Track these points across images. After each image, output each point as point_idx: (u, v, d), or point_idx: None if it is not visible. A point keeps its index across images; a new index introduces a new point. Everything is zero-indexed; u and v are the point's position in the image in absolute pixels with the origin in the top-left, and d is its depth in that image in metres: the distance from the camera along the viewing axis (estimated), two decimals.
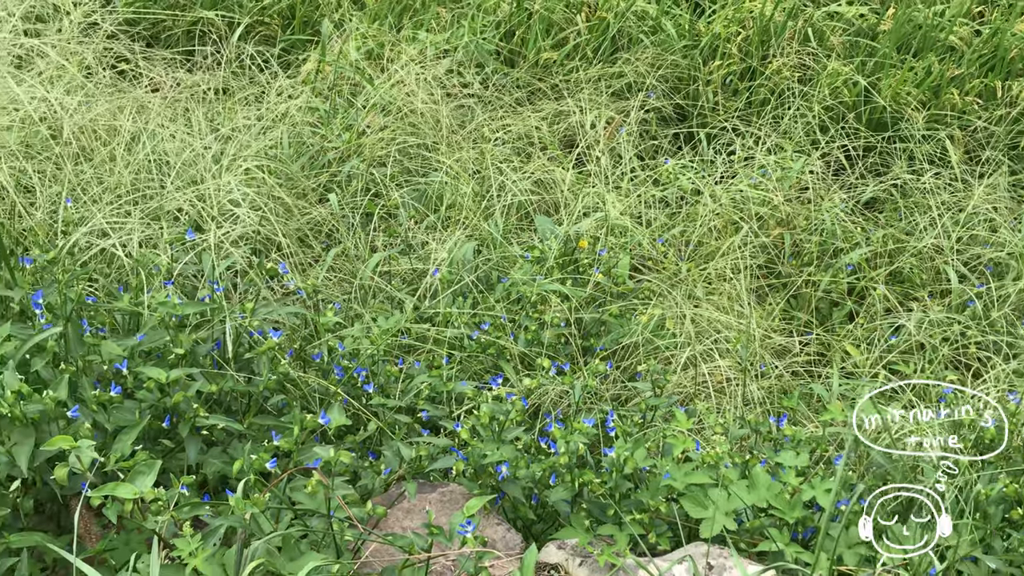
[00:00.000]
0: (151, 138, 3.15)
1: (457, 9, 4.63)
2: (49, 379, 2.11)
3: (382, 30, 4.41)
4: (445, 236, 3.44)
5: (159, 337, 2.24)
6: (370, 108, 3.97)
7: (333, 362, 2.62)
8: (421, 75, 4.05)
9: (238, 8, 4.51)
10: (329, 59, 4.12)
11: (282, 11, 4.59)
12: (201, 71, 4.12)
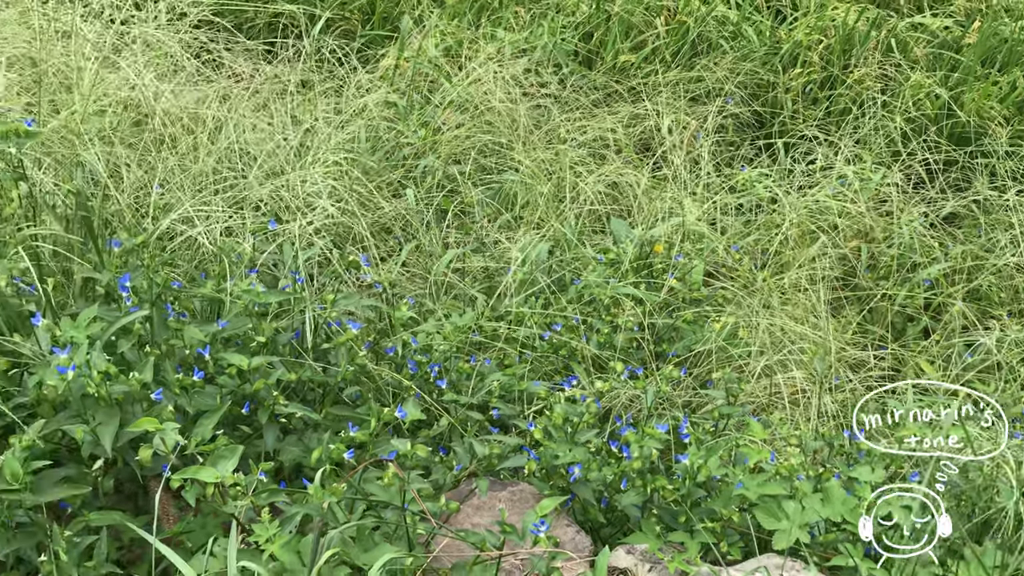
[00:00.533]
0: (234, 128, 3.18)
1: (536, 8, 4.63)
2: (134, 361, 2.14)
3: (460, 27, 4.42)
4: (518, 235, 3.44)
5: (241, 324, 2.27)
6: (447, 105, 3.99)
7: (407, 356, 2.63)
8: (499, 74, 4.05)
9: (319, 2, 4.55)
10: (408, 55, 4.14)
11: (362, 6, 4.62)
12: (282, 63, 4.16)
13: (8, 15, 2.86)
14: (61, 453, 2.18)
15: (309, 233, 2.58)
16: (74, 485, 2.03)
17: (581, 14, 4.58)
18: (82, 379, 1.93)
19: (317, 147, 3.34)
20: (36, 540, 2.00)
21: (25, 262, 2.09)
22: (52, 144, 2.52)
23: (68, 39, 3.00)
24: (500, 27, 4.48)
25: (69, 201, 2.25)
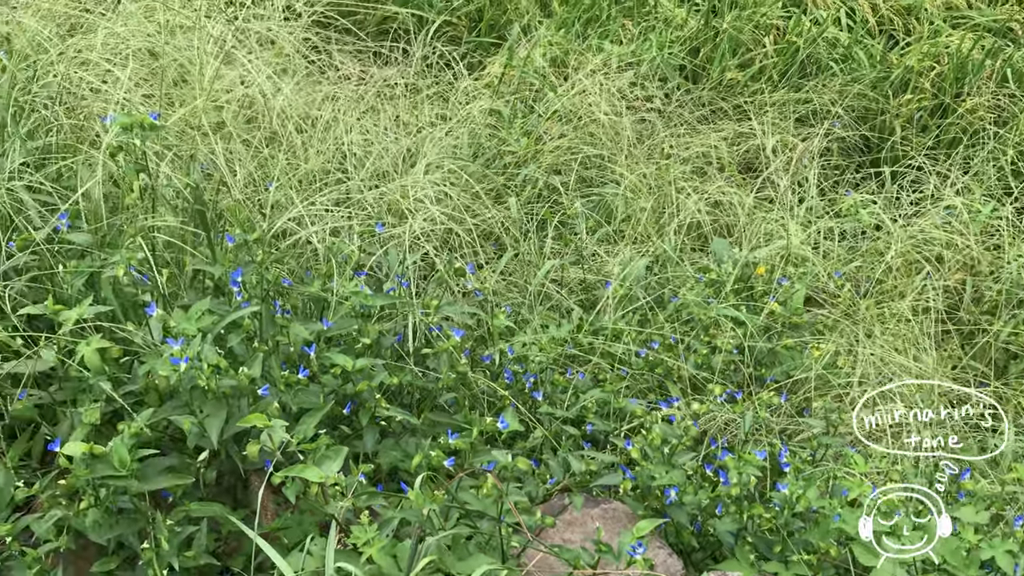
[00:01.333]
0: (344, 130, 3.21)
1: (643, 22, 4.61)
2: (242, 356, 2.17)
3: (567, 38, 4.41)
4: (618, 249, 3.42)
5: (346, 325, 2.29)
6: (550, 115, 3.98)
7: (503, 365, 2.63)
8: (604, 85, 4.04)
9: (428, 7, 4.58)
10: (514, 63, 4.15)
11: (470, 13, 4.64)
12: (389, 66, 4.19)
13: (132, 8, 2.93)
14: (164, 442, 2.22)
15: (414, 238, 2.59)
16: (178, 475, 2.06)
17: (689, 29, 4.54)
18: (193, 372, 1.95)
19: (423, 152, 3.35)
20: (138, 527, 2.03)
21: (144, 252, 2.13)
22: (169, 137, 2.57)
23: (186, 33, 3.06)
24: (607, 39, 4.47)
25: (186, 194, 2.29)
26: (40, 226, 2.40)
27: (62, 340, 2.14)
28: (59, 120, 2.60)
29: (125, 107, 2.55)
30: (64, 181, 2.57)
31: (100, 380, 2.09)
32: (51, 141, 2.59)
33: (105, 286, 2.24)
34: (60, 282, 2.35)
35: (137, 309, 2.34)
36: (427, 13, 4.50)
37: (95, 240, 2.33)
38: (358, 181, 3.00)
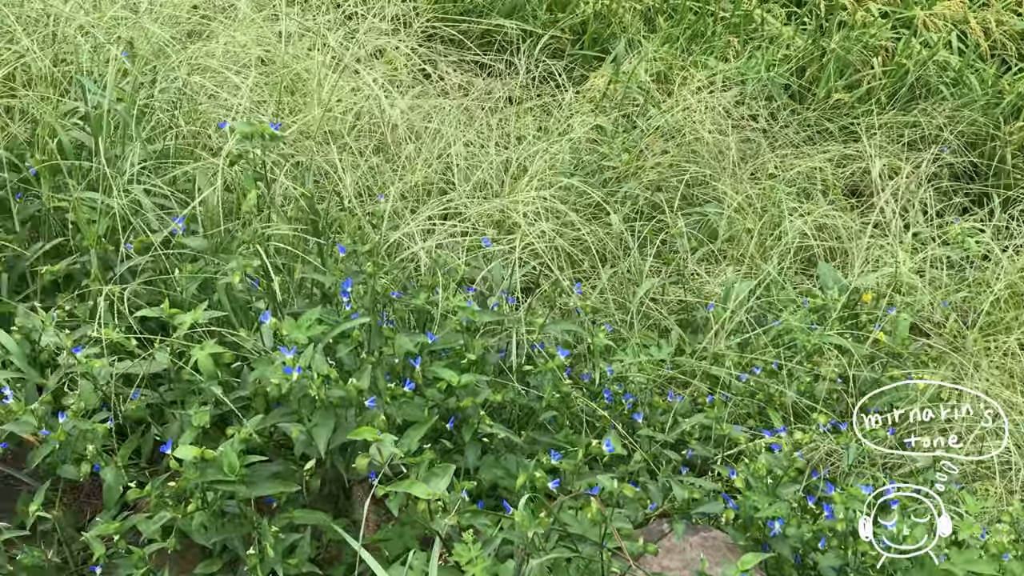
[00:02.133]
0: (448, 141, 3.23)
1: (749, 39, 4.56)
2: (349, 366, 2.19)
3: (671, 53, 4.38)
4: (719, 270, 3.38)
5: (452, 340, 2.29)
6: (653, 131, 3.95)
7: (603, 385, 2.61)
8: (708, 103, 4.00)
9: (532, 19, 4.58)
10: (619, 78, 4.13)
11: (573, 26, 4.64)
12: (492, 77, 4.20)
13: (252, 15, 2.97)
14: (269, 448, 2.24)
15: (521, 253, 2.59)
16: (283, 482, 2.08)
17: (796, 48, 4.48)
18: (305, 381, 1.97)
19: (526, 166, 3.35)
20: (244, 531, 2.06)
21: (261, 259, 2.16)
22: (284, 145, 2.60)
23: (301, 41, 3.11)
24: (712, 55, 4.42)
25: (300, 203, 2.31)
26: (157, 229, 2.45)
27: (176, 343, 2.17)
28: (178, 125, 2.65)
29: (245, 116, 2.59)
30: (179, 185, 2.62)
31: (212, 384, 2.13)
32: (168, 145, 2.64)
33: (220, 291, 2.27)
34: (174, 285, 2.40)
35: (248, 314, 2.37)
36: (531, 26, 4.51)
37: (210, 245, 2.37)
38: (462, 194, 3.00)
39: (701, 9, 4.73)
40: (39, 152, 2.61)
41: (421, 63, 3.97)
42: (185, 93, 2.69)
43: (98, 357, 2.16)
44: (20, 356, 2.25)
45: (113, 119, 2.52)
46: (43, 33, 2.85)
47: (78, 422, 2.10)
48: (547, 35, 4.34)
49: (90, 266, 2.47)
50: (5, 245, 2.54)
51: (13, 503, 2.36)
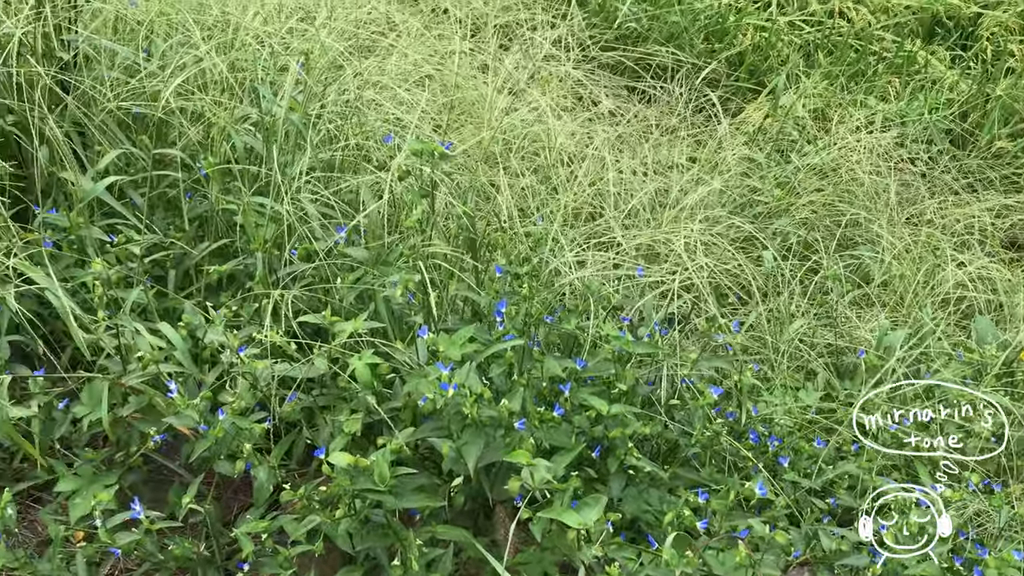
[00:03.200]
0: (602, 167, 3.23)
1: (911, 81, 4.45)
2: (500, 387, 2.20)
3: (830, 90, 4.31)
4: (871, 315, 3.30)
5: (603, 368, 2.28)
6: (808, 168, 3.88)
7: (748, 426, 2.56)
8: (866, 143, 3.91)
9: (688, 48, 4.56)
10: (774, 112, 4.07)
11: (730, 57, 4.60)
12: (644, 103, 4.19)
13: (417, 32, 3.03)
14: (414, 461, 2.26)
15: (674, 285, 2.57)
16: (429, 495, 2.10)
17: (959, 92, 4.35)
18: (459, 398, 1.99)
19: (676, 195, 3.33)
20: (388, 542, 2.08)
21: (422, 275, 2.19)
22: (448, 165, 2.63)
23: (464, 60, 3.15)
24: (872, 95, 4.33)
25: (460, 221, 2.34)
26: (320, 237, 2.51)
27: (334, 350, 2.22)
28: (345, 137, 2.71)
29: (414, 132, 2.64)
30: (343, 195, 2.68)
31: (366, 394, 2.16)
32: (335, 156, 2.71)
33: (379, 303, 2.31)
34: (332, 293, 2.45)
35: (402, 325, 2.41)
36: (687, 54, 4.48)
37: (370, 256, 2.42)
38: (614, 220, 3.00)
39: (863, 47, 4.63)
40: (211, 155, 2.70)
41: (575, 87, 3.99)
42: (356, 106, 2.75)
43: (260, 358, 2.22)
44: (184, 352, 2.32)
45: (285, 127, 2.60)
46: (220, 40, 2.95)
47: (237, 420, 2.15)
48: (706, 67, 4.30)
49: (253, 268, 2.54)
50: (174, 242, 2.64)
51: (164, 493, 2.44)
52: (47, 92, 2.62)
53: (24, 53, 2.66)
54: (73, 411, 2.33)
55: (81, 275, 2.36)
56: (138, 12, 3.01)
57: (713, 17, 4.63)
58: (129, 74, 2.86)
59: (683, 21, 4.59)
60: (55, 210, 2.65)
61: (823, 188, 3.81)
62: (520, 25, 3.64)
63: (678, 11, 4.56)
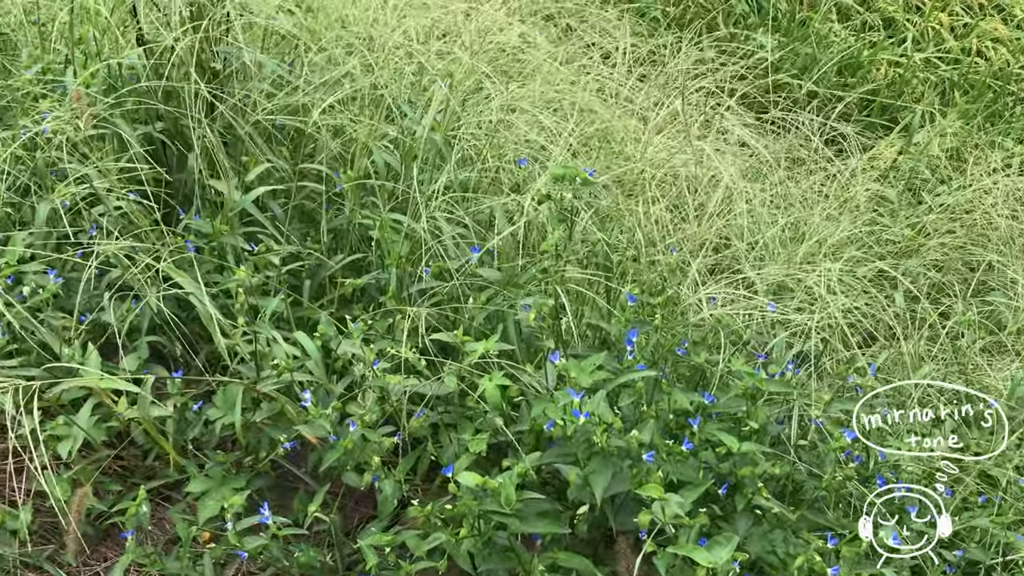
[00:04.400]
0: (733, 198, 3.20)
1: None
2: (627, 417, 2.19)
3: (966, 130, 4.20)
4: (1003, 363, 3.20)
5: (733, 405, 2.26)
6: (941, 209, 3.80)
7: (876, 470, 2.51)
8: (1002, 186, 3.80)
9: (820, 82, 4.49)
10: (910, 150, 3.99)
11: (864, 92, 4.52)
12: (771, 135, 4.15)
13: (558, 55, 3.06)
14: (536, 485, 2.27)
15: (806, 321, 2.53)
16: (554, 521, 2.10)
17: None
18: (589, 426, 1.99)
19: (806, 231, 3.28)
20: (509, 565, 2.09)
21: (556, 299, 2.20)
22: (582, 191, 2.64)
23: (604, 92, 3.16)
24: (1009, 137, 4.21)
25: (595, 248, 2.34)
26: (454, 256, 2.53)
27: (463, 369, 2.24)
28: (483, 158, 2.74)
29: (554, 157, 2.66)
30: (476, 215, 2.70)
31: (494, 415, 2.17)
32: (471, 176, 2.74)
33: (510, 325, 2.33)
34: (463, 312, 2.47)
35: (530, 348, 2.42)
36: (819, 87, 4.43)
37: (502, 277, 2.43)
38: (744, 253, 2.97)
39: (1000, 88, 4.52)
40: (351, 169, 2.75)
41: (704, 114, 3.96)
42: (495, 128, 2.78)
43: (391, 372, 2.25)
44: (318, 362, 2.37)
45: (426, 146, 2.63)
46: (363, 58, 3.01)
47: (367, 432, 2.19)
48: (837, 101, 4.24)
49: (386, 283, 2.58)
50: (311, 253, 2.69)
51: (288, 499, 2.48)
52: (199, 101, 2.70)
53: (179, 64, 2.76)
54: (207, 413, 2.39)
55: (225, 282, 2.42)
56: (284, 26, 3.09)
57: (847, 51, 4.56)
58: (275, 86, 2.93)
59: (816, 53, 4.53)
60: (198, 216, 2.73)
61: (955, 230, 3.72)
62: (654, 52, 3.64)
63: (812, 42, 4.50)
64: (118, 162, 2.65)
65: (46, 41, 3.19)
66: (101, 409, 2.34)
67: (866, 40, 4.69)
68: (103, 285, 2.50)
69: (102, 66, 2.78)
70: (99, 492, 2.42)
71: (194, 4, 2.85)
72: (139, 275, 2.45)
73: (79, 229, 2.58)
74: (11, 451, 2.52)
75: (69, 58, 3.05)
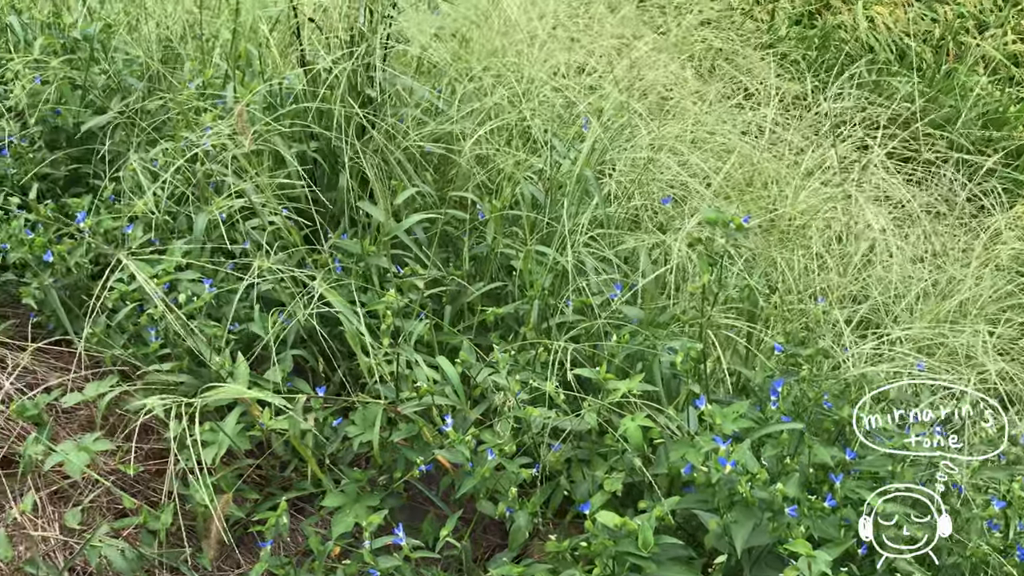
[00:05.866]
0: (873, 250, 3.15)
1: None
2: (769, 468, 2.16)
3: None
4: None
5: (878, 464, 2.21)
6: None
7: (1017, 541, 2.42)
8: None
9: (964, 133, 4.40)
10: None
11: (1009, 149, 4.41)
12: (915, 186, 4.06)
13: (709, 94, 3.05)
14: (671, 529, 2.25)
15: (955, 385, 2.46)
16: (688, 568, 2.08)
17: None
18: (734, 476, 1.97)
19: (949, 288, 3.21)
20: None
21: (704, 344, 2.19)
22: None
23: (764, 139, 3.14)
24: None
25: (742, 293, 2.32)
26: (597, 292, 2.54)
27: (604, 406, 2.24)
28: (629, 196, 2.74)
29: (702, 199, 2.65)
30: (619, 251, 2.71)
31: (634, 455, 2.17)
32: (616, 212, 2.74)
33: (653, 365, 2.32)
34: (602, 348, 2.47)
35: (670, 389, 2.41)
36: (963, 140, 4.33)
37: (645, 317, 2.43)
38: (885, 307, 2.91)
39: None
40: (496, 199, 2.78)
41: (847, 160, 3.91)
42: (645, 167, 2.78)
43: (532, 404, 2.26)
44: (458, 387, 2.39)
45: (573, 180, 2.65)
46: (513, 91, 3.04)
47: (506, 462, 2.20)
48: (983, 155, 4.14)
49: (525, 313, 2.60)
50: (453, 278, 2.73)
51: (418, 520, 2.51)
52: (353, 125, 2.77)
53: (335, 87, 2.82)
54: (345, 430, 2.43)
55: (373, 303, 2.47)
56: (436, 55, 3.14)
57: (993, 105, 4.46)
58: (425, 113, 2.99)
59: (959, 105, 4.44)
60: (345, 235, 2.79)
61: None
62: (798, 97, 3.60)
63: (956, 94, 4.41)
64: (274, 178, 2.72)
65: (207, 55, 3.30)
66: (244, 418, 2.40)
67: (1013, 95, 4.58)
68: (253, 296, 2.57)
69: (264, 85, 2.86)
70: (236, 499, 2.47)
71: (353, 29, 2.92)
72: (291, 290, 2.50)
73: (232, 241, 2.65)
74: (153, 453, 2.60)
75: (228, 74, 3.15)
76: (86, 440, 2.33)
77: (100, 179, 3.05)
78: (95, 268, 2.77)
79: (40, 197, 2.89)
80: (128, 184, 2.81)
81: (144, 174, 2.75)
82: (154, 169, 2.84)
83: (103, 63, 3.20)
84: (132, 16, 3.45)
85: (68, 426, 2.64)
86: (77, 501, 2.43)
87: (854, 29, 4.88)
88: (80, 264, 2.68)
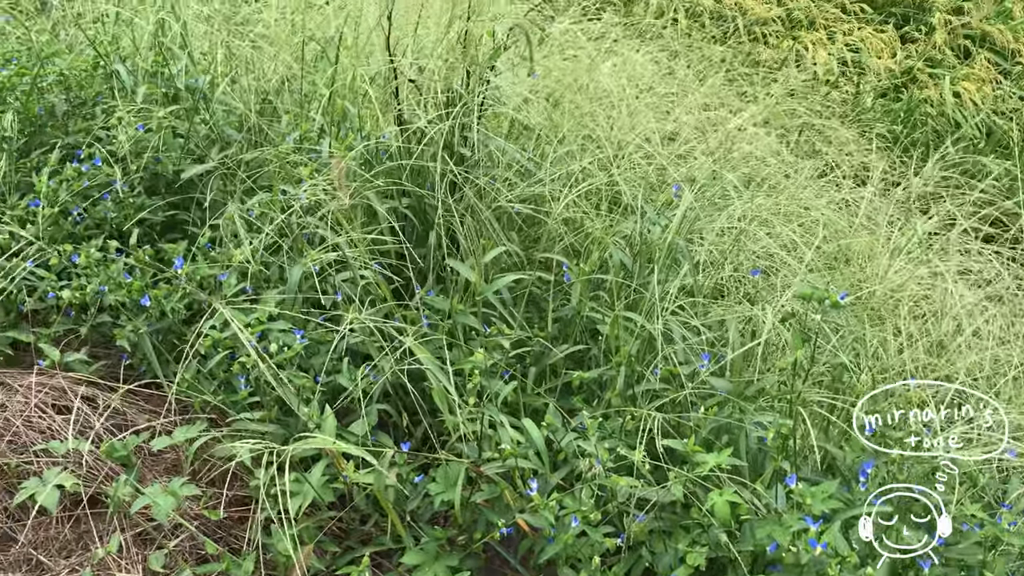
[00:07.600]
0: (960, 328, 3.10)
1: None
2: (858, 551, 2.13)
3: None
4: None
5: (970, 552, 2.17)
6: None
7: None
8: None
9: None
10: None
11: None
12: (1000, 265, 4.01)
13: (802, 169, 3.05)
14: None
15: None
16: None
17: None
18: (825, 558, 1.94)
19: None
20: None
21: (796, 421, 2.17)
22: None
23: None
24: None
25: (835, 371, 2.30)
26: (683, 361, 2.53)
27: (690, 477, 2.22)
28: (719, 266, 2.74)
29: (794, 273, 2.64)
30: (708, 320, 2.70)
31: (720, 530, 2.15)
32: (704, 281, 2.74)
33: (741, 439, 2.31)
34: (688, 418, 2.46)
35: (755, 463, 2.39)
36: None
37: (734, 389, 2.42)
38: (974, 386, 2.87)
39: None
40: (584, 262, 2.79)
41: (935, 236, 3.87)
42: (736, 238, 2.79)
43: (617, 472, 2.25)
44: (542, 450, 2.39)
45: (665, 247, 2.66)
46: (601, 156, 3.07)
47: (589, 530, 2.19)
48: None
49: (610, 378, 2.60)
50: (538, 339, 2.74)
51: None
52: (446, 183, 2.81)
53: (431, 144, 2.87)
54: (427, 487, 2.43)
55: (461, 362, 2.48)
56: (528, 117, 3.18)
57: None
58: (516, 174, 3.02)
59: None
60: (432, 292, 2.82)
61: None
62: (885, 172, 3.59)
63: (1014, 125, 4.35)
64: (367, 233, 2.76)
65: (304, 109, 3.38)
66: (329, 470, 2.42)
67: None
68: (342, 348, 2.60)
69: (362, 143, 2.92)
70: (317, 551, 2.49)
71: (450, 90, 2.97)
72: (379, 343, 2.53)
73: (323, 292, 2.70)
74: (236, 500, 2.63)
75: (324, 129, 3.22)
76: (174, 484, 2.37)
77: (196, 226, 3.12)
78: (187, 313, 2.83)
79: (139, 242, 2.96)
80: (225, 232, 2.87)
81: (241, 223, 2.81)
82: (250, 219, 2.90)
83: (202, 112, 3.28)
84: (231, 68, 3.54)
85: (154, 468, 2.68)
86: (161, 544, 2.46)
87: (940, 104, 4.86)
88: (175, 309, 2.73)
